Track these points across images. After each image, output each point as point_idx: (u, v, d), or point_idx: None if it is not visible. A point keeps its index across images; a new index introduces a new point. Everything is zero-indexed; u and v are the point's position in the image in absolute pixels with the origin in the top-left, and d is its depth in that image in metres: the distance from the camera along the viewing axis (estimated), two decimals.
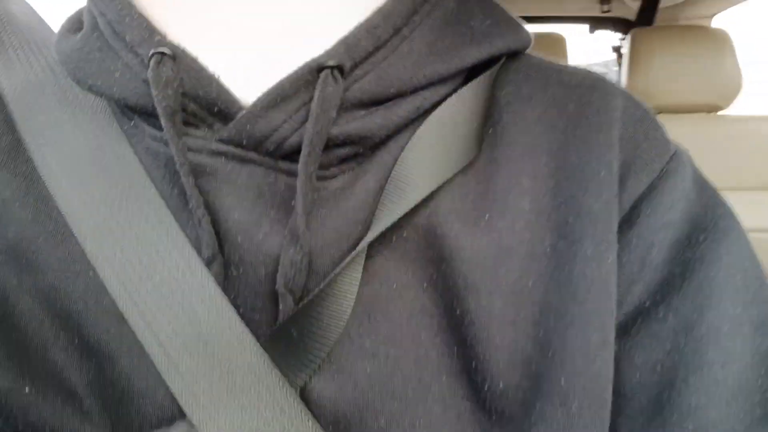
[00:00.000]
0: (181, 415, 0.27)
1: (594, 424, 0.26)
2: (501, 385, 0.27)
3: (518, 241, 0.28)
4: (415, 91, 0.29)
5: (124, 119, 0.31)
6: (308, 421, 0.27)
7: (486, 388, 0.28)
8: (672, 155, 0.31)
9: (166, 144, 0.29)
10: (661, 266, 0.28)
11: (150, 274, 0.28)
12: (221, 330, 0.27)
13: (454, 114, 0.30)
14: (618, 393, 0.27)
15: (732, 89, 1.45)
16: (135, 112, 0.30)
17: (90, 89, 0.29)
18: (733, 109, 1.52)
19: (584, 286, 0.27)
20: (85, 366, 0.28)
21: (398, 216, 0.28)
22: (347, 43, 0.28)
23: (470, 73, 0.32)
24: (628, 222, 0.29)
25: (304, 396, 0.28)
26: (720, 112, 1.51)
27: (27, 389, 0.27)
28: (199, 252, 0.28)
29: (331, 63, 0.27)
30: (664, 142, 0.31)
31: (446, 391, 0.28)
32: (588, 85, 0.32)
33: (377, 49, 0.28)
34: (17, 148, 0.31)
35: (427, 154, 0.29)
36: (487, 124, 0.31)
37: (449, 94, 0.31)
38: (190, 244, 0.28)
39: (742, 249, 0.29)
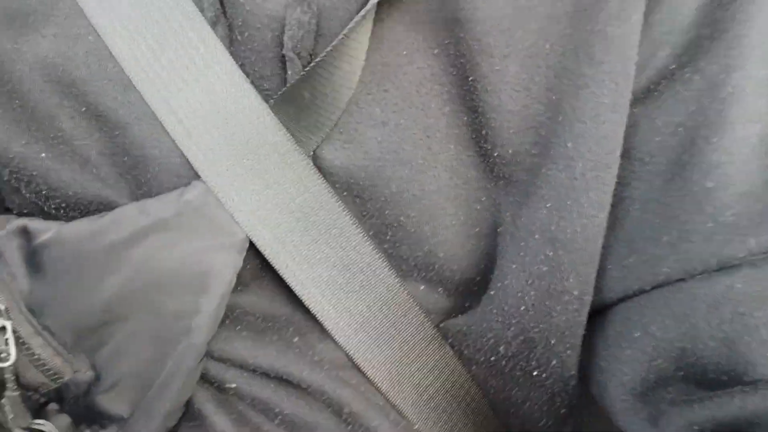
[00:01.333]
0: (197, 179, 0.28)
1: (596, 187, 0.26)
2: (510, 151, 0.28)
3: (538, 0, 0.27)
4: None
5: None
6: (317, 178, 0.28)
7: (496, 155, 0.28)
8: None
9: None
10: (689, 28, 0.27)
11: (156, 37, 0.27)
12: (234, 96, 0.27)
13: None
14: (635, 157, 0.27)
15: None
16: None
17: None
18: None
19: (603, 47, 0.26)
20: (95, 134, 0.28)
21: None
22: None
23: None
24: None
25: (315, 163, 0.29)
26: None
27: (43, 154, 0.28)
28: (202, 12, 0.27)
29: None
30: None
31: (454, 159, 0.29)
32: None
33: None
34: None
35: None
36: None
37: None
38: (194, 6, 0.27)
39: None
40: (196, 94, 0.27)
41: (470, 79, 0.27)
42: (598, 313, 0.28)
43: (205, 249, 0.28)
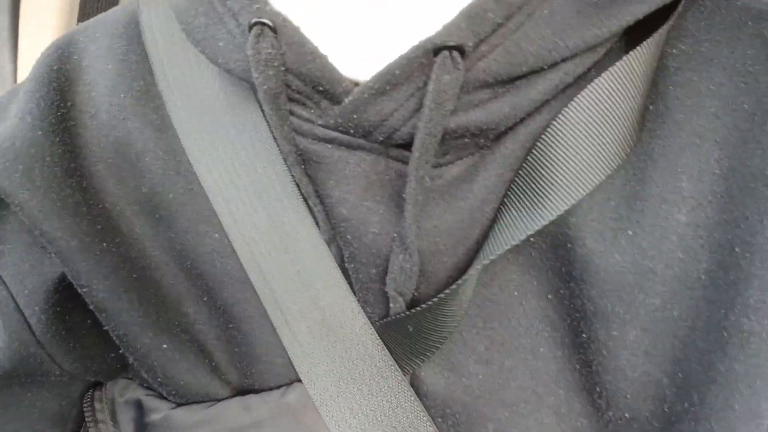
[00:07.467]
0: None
1: None
2: (627, 415, 0.25)
3: (666, 262, 0.24)
4: (554, 64, 0.24)
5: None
6: (419, 410, 0.27)
7: (611, 414, 0.25)
8: None
9: None
10: None
11: (276, 245, 0.28)
12: (341, 312, 0.27)
13: (613, 92, 0.24)
14: None
15: None
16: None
17: (202, 53, 0.28)
18: None
19: (737, 341, 0.22)
20: (214, 321, 0.30)
21: (533, 230, 0.24)
22: (470, 15, 0.23)
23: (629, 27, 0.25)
24: None
25: (414, 383, 0.28)
26: None
27: (165, 345, 0.29)
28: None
29: (449, 43, 0.22)
30: None
31: (563, 404, 0.26)
32: None
33: (508, 18, 0.23)
34: (148, 94, 0.30)
35: (574, 149, 0.24)
36: (647, 98, 0.25)
37: (599, 63, 0.25)
38: (314, 222, 0.27)
39: None
40: (308, 306, 0.28)
41: (584, 336, 0.25)
42: None
43: None
